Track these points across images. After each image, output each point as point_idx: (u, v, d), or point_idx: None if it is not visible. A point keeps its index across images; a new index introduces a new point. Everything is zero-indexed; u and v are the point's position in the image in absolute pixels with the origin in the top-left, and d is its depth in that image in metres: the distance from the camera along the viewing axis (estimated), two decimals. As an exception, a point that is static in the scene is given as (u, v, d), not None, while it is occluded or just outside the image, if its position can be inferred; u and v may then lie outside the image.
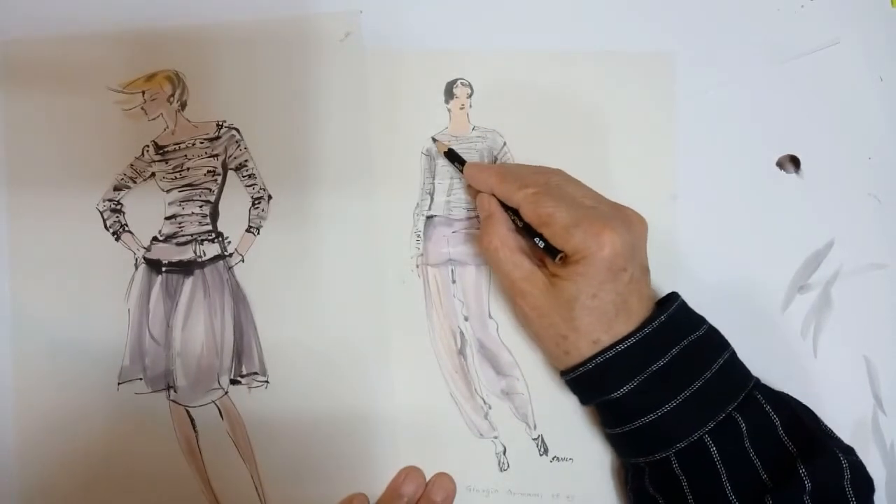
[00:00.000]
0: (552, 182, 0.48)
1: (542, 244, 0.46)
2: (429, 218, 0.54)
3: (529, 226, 0.47)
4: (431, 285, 0.54)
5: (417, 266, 0.54)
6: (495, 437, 0.53)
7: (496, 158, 0.54)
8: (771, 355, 0.47)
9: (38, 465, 0.52)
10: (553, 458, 0.52)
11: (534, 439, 0.53)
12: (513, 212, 0.48)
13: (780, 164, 0.55)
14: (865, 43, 0.55)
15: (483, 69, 0.55)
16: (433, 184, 0.54)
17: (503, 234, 0.48)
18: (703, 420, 0.44)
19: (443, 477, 0.51)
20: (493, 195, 0.49)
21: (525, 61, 0.55)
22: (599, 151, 0.54)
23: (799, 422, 0.45)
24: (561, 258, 0.46)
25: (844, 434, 0.47)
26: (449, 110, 0.55)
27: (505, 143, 0.54)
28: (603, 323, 0.44)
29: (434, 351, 0.53)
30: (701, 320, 0.47)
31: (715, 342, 0.47)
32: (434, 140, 0.54)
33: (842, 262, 0.54)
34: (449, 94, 0.55)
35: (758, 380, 0.47)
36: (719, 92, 0.55)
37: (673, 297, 0.47)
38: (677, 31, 0.55)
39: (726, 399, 0.44)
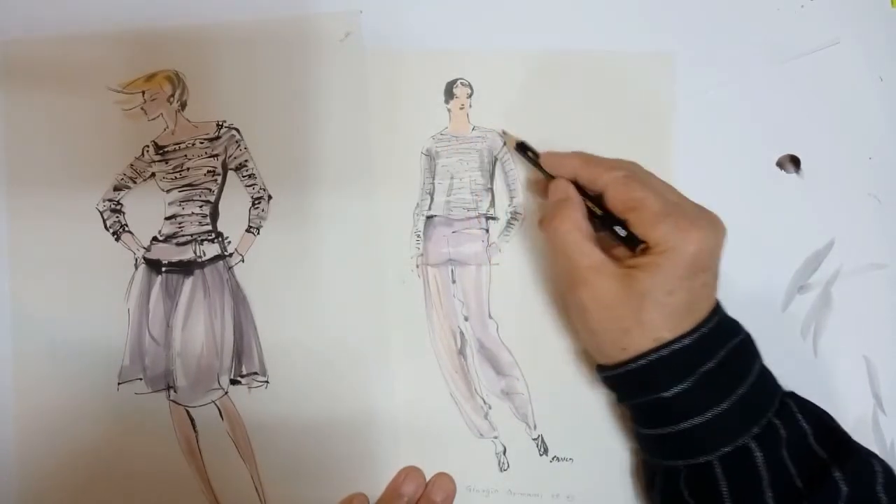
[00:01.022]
0: (636, 169, 0.47)
1: (623, 233, 0.45)
2: (429, 218, 0.54)
3: (609, 215, 0.46)
4: (431, 285, 0.54)
5: (417, 266, 0.54)
6: (495, 437, 0.53)
7: (496, 158, 0.54)
8: (771, 355, 0.47)
9: (37, 464, 0.52)
10: (553, 458, 0.52)
11: (534, 439, 0.53)
12: (590, 200, 0.48)
13: (780, 164, 0.55)
14: (865, 43, 0.55)
15: (483, 69, 0.55)
16: (433, 184, 0.54)
17: (577, 219, 0.46)
18: (749, 425, 0.43)
19: (443, 477, 0.51)
20: (572, 182, 0.48)
21: (525, 61, 0.55)
22: (600, 151, 0.54)
23: (828, 429, 0.44)
24: (643, 249, 0.44)
25: (844, 434, 0.47)
26: (449, 110, 0.55)
27: (505, 143, 0.54)
28: (671, 322, 0.43)
29: (434, 351, 0.53)
30: (738, 325, 0.47)
31: (752, 348, 0.46)
32: (504, 132, 0.54)
33: (842, 262, 0.54)
34: (449, 94, 0.55)
35: (782, 388, 0.47)
36: (719, 92, 0.55)
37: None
38: (677, 31, 0.55)
39: (767, 404, 0.44)
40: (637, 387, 0.45)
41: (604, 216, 0.47)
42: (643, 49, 0.55)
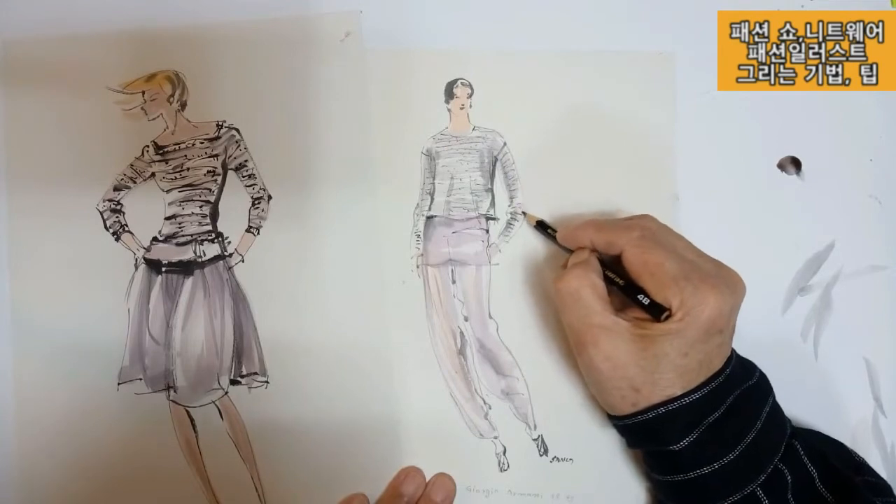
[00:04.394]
0: (651, 227, 0.47)
1: (646, 301, 0.45)
2: (429, 218, 0.54)
3: (630, 284, 0.46)
4: (431, 286, 0.54)
5: (417, 266, 0.54)
6: (495, 438, 0.53)
7: (496, 159, 0.54)
8: (771, 357, 0.47)
9: (38, 465, 0.52)
10: (553, 458, 0.52)
11: (534, 439, 0.53)
12: (611, 270, 0.47)
13: (781, 166, 0.55)
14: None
15: (483, 69, 0.54)
16: (433, 184, 0.54)
17: (591, 278, 0.46)
18: (756, 472, 0.43)
19: (443, 477, 0.51)
20: (591, 251, 0.48)
21: (525, 61, 0.55)
22: (600, 152, 0.54)
23: (834, 471, 0.45)
24: (667, 316, 0.44)
25: (844, 436, 0.47)
26: (449, 110, 0.55)
27: (505, 143, 0.54)
28: (684, 379, 0.43)
29: (434, 351, 0.53)
30: (752, 367, 0.47)
31: (762, 388, 0.46)
32: (524, 214, 0.54)
33: (842, 264, 0.54)
34: (449, 94, 0.54)
35: (791, 422, 0.47)
36: (720, 92, 0.55)
37: None
38: (677, 31, 0.55)
39: (774, 450, 0.44)
40: (646, 437, 0.46)
41: (625, 286, 0.46)
42: (643, 49, 0.55)
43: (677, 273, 0.43)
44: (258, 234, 0.53)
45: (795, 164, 0.55)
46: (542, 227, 0.53)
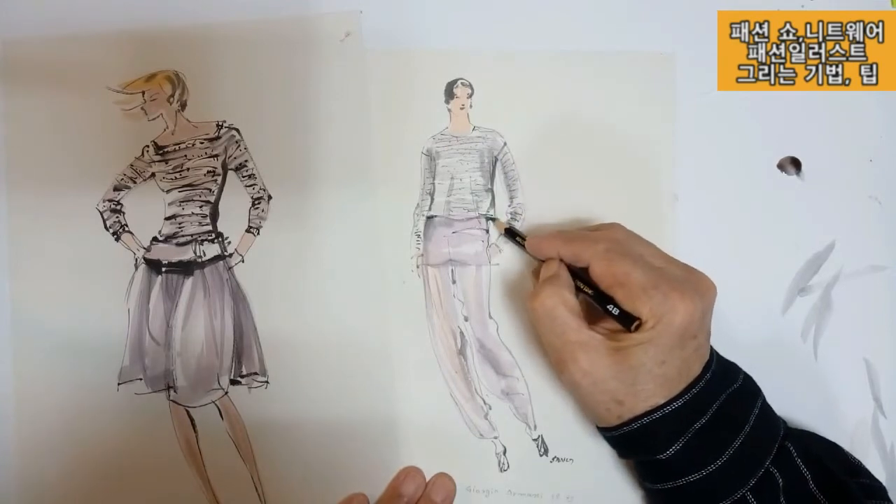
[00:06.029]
0: (618, 237, 0.47)
1: (616, 311, 0.45)
2: (429, 218, 0.54)
3: (600, 294, 0.46)
4: (432, 286, 0.54)
5: (418, 266, 0.54)
6: (495, 438, 0.53)
7: (496, 159, 0.54)
8: (771, 357, 0.47)
9: (37, 465, 0.52)
10: (553, 459, 0.52)
11: (534, 439, 0.53)
12: (581, 280, 0.47)
13: (780, 166, 0.55)
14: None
15: (483, 69, 0.54)
16: (433, 184, 0.54)
17: (563, 294, 0.46)
18: (746, 476, 0.43)
19: (443, 477, 0.51)
20: (561, 261, 0.48)
21: (525, 61, 0.54)
22: (600, 151, 0.54)
23: (829, 474, 0.45)
24: (637, 326, 0.44)
25: (844, 437, 0.47)
26: (449, 110, 0.55)
27: (505, 143, 0.54)
28: (665, 388, 0.43)
29: (434, 351, 0.53)
30: (736, 369, 0.47)
31: (750, 390, 0.46)
32: (493, 220, 0.54)
33: (842, 265, 0.54)
34: (449, 94, 0.54)
35: (786, 424, 0.47)
36: (720, 92, 0.54)
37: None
38: (677, 32, 0.55)
39: (764, 453, 0.44)
40: (635, 447, 0.46)
41: (595, 296, 0.46)
42: (643, 49, 0.55)
43: (645, 282, 0.43)
44: (258, 234, 0.53)
45: (795, 164, 0.55)
46: (510, 234, 0.52)
